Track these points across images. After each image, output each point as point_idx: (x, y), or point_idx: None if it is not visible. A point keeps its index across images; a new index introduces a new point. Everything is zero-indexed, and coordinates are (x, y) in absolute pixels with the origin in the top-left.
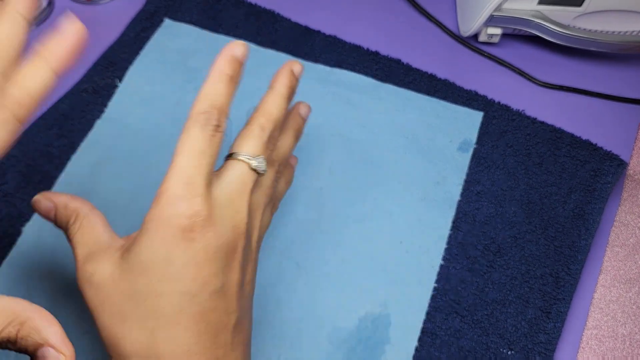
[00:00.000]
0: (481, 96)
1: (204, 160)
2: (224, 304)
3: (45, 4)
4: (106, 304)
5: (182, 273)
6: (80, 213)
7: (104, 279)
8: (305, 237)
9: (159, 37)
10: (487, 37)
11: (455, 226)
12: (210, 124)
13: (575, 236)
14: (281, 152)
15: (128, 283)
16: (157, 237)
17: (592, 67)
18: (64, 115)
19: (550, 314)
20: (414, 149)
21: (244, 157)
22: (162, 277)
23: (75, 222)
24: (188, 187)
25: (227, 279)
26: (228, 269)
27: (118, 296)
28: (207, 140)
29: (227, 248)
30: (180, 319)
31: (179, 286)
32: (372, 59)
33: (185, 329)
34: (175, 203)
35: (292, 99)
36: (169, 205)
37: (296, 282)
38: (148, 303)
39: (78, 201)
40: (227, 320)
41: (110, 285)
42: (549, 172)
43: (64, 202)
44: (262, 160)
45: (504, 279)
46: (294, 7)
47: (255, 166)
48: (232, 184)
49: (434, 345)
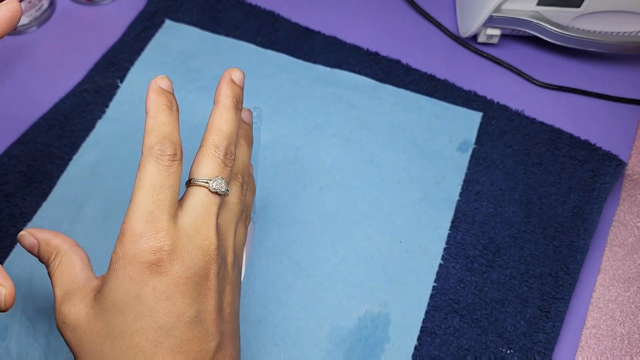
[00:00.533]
0: (480, 96)
1: (163, 194)
2: (201, 331)
3: (46, 5)
4: (84, 344)
5: (154, 309)
6: (61, 250)
7: (79, 320)
8: (305, 237)
9: (160, 37)
10: (486, 38)
11: (454, 226)
12: (165, 154)
13: (574, 236)
14: (240, 164)
15: (102, 323)
16: (125, 276)
17: (590, 67)
18: (65, 115)
19: (549, 313)
20: (413, 149)
21: (202, 181)
22: (135, 315)
23: (55, 259)
24: (149, 224)
25: (202, 307)
26: (202, 297)
27: (94, 336)
28: (164, 173)
29: (197, 277)
30: (158, 353)
31: (153, 322)
32: (372, 60)
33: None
34: (138, 240)
35: (240, 107)
36: (132, 243)
37: (296, 282)
38: (124, 342)
39: (59, 238)
40: (206, 346)
41: (86, 326)
42: (548, 172)
43: (46, 239)
44: (220, 180)
45: (503, 278)
46: (294, 8)
47: (215, 188)
48: (196, 210)
49: (433, 345)
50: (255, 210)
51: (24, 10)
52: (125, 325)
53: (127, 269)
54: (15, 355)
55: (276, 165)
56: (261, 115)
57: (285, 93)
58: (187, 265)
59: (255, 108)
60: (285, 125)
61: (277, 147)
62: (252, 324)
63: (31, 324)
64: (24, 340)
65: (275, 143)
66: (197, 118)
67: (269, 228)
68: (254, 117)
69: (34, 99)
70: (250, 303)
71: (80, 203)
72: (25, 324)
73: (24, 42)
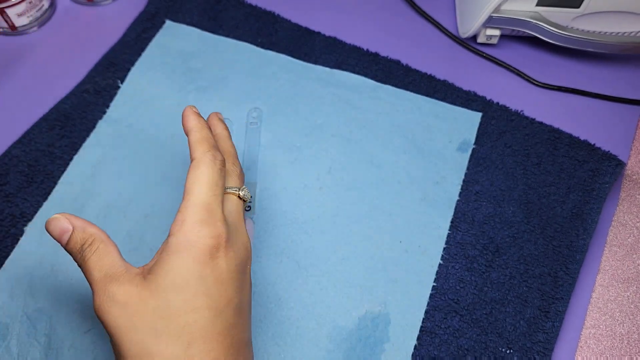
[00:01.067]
0: (480, 97)
1: (218, 190)
2: (242, 320)
3: (47, 6)
4: (136, 320)
5: (212, 289)
6: (97, 238)
7: (132, 298)
8: (305, 237)
9: (160, 38)
10: (486, 38)
11: (454, 226)
12: (217, 159)
13: (574, 236)
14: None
15: (160, 301)
16: (190, 257)
17: (590, 67)
18: (65, 115)
19: (548, 313)
20: (413, 149)
21: (233, 189)
22: (196, 294)
23: (92, 245)
24: (209, 213)
25: (242, 297)
26: (242, 289)
27: (149, 313)
28: (218, 174)
29: (241, 267)
30: (213, 333)
31: (210, 302)
32: (372, 60)
33: (218, 342)
34: (200, 227)
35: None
36: (193, 230)
37: (296, 281)
38: (182, 319)
39: (95, 227)
40: (244, 336)
41: (139, 303)
42: (548, 172)
43: (83, 225)
44: (245, 190)
45: (503, 278)
46: (294, 9)
47: (243, 195)
48: (233, 212)
49: (433, 344)
50: (254, 211)
51: (25, 11)
52: (186, 303)
53: (190, 251)
54: (16, 354)
55: (276, 165)
56: (261, 115)
57: (285, 93)
58: (236, 255)
59: (256, 109)
60: (285, 125)
61: (277, 147)
62: (253, 323)
63: (32, 324)
64: (24, 340)
65: (276, 143)
66: None
67: (269, 228)
68: (254, 118)
69: (35, 99)
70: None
71: (81, 203)
72: (26, 324)
73: (25, 43)
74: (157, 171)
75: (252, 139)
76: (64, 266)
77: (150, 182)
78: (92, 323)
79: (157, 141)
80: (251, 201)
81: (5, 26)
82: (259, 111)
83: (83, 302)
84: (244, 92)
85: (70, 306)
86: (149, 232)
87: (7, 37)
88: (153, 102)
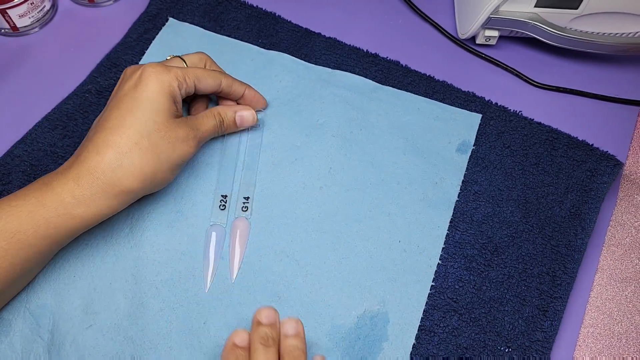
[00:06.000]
0: (479, 97)
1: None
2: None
3: (48, 7)
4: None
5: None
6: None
7: None
8: (305, 236)
9: (163, 36)
10: (485, 40)
11: (453, 225)
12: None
13: (572, 235)
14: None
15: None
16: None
17: (588, 68)
18: (68, 115)
19: (547, 312)
20: (412, 150)
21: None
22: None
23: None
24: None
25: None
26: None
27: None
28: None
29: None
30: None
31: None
32: (372, 61)
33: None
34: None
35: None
36: None
37: (296, 280)
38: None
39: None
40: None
41: None
42: (546, 172)
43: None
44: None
45: (501, 277)
46: (294, 10)
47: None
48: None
49: (432, 343)
50: (252, 212)
51: (26, 12)
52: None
53: None
54: (19, 350)
55: (277, 165)
56: (263, 116)
57: (286, 94)
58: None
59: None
60: (286, 125)
61: (277, 147)
62: None
63: (35, 320)
64: (27, 335)
65: (276, 143)
66: None
67: (269, 227)
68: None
69: (37, 99)
70: (250, 301)
71: None
72: (29, 320)
73: (27, 43)
74: None
75: (253, 139)
76: (67, 263)
77: None
78: (94, 319)
79: None
80: (248, 202)
81: (7, 27)
82: (262, 112)
83: (85, 297)
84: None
85: (73, 302)
86: (150, 228)
87: (8, 38)
88: None
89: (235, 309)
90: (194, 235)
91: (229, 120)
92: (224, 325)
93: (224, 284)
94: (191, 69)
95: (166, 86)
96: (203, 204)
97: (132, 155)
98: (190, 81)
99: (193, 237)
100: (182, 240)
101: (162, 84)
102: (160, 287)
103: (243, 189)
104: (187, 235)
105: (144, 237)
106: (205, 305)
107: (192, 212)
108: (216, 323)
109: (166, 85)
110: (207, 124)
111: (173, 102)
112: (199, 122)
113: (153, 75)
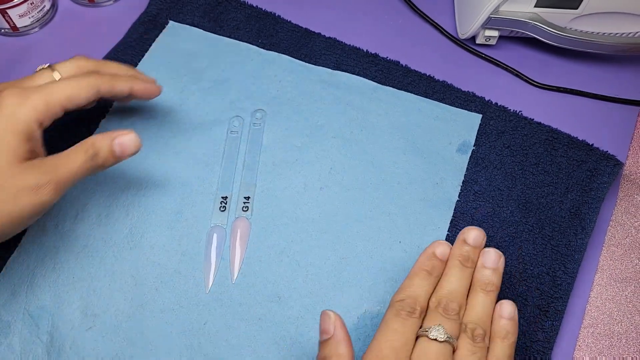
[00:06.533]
0: (479, 97)
1: (395, 336)
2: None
3: (48, 7)
4: None
5: None
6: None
7: None
8: (306, 236)
9: (163, 38)
10: (485, 39)
11: (453, 226)
12: (404, 310)
13: (572, 235)
14: (474, 316)
15: None
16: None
17: (588, 68)
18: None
19: (547, 312)
20: (413, 150)
21: (422, 330)
22: None
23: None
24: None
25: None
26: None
27: None
28: (400, 322)
29: None
30: None
31: None
32: (372, 61)
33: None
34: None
35: (469, 266)
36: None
37: (296, 281)
38: None
39: (347, 347)
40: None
41: None
42: (546, 172)
43: (340, 338)
44: (438, 328)
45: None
46: (294, 10)
47: (434, 335)
48: (420, 355)
49: None
50: (253, 213)
51: (26, 12)
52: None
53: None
54: (18, 352)
55: (277, 166)
56: (265, 116)
57: (286, 94)
58: None
59: (259, 110)
60: (286, 126)
61: (278, 148)
62: (252, 322)
63: (34, 322)
64: (27, 337)
65: (277, 143)
66: (200, 119)
67: (270, 227)
68: (258, 119)
69: None
70: (251, 302)
71: (83, 201)
72: (28, 322)
73: (26, 43)
74: (159, 171)
75: (254, 140)
76: (66, 264)
77: (152, 182)
78: (93, 320)
79: (160, 141)
80: (249, 201)
81: (7, 27)
82: (263, 112)
83: (85, 299)
84: (246, 93)
85: (72, 304)
86: (150, 229)
87: (8, 38)
88: (156, 102)
89: (235, 310)
90: (194, 236)
91: (105, 151)
92: (224, 326)
93: (224, 284)
94: (58, 87)
95: (18, 123)
96: (203, 205)
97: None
98: (56, 106)
99: (193, 238)
100: (181, 241)
101: (11, 121)
102: (160, 288)
103: (244, 188)
104: (187, 236)
105: (143, 239)
106: (206, 306)
107: (191, 213)
108: (216, 324)
109: (20, 122)
110: (72, 162)
111: (25, 140)
112: (60, 162)
113: (2, 108)
